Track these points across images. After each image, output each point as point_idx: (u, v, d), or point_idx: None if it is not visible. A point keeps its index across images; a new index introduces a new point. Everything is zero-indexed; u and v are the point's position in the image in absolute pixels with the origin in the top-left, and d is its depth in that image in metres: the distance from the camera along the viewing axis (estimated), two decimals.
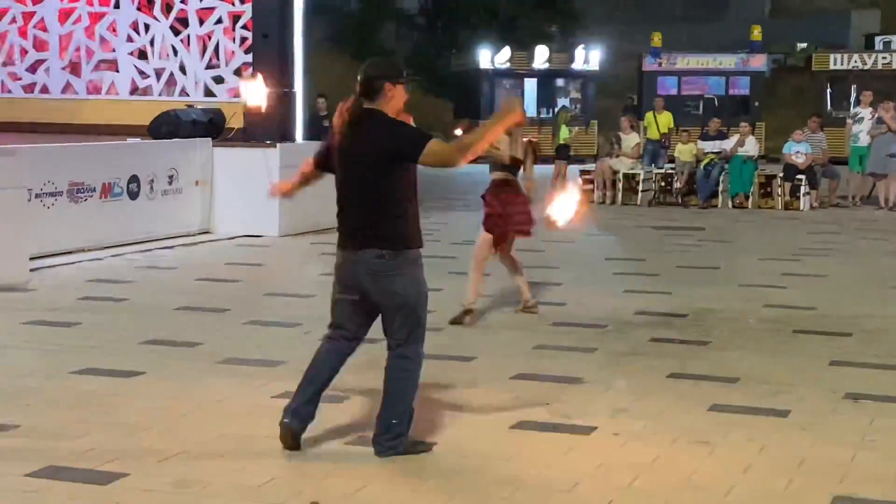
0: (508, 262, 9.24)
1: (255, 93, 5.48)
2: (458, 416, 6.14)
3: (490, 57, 30.07)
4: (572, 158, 21.63)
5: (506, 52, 30.06)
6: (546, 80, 30.37)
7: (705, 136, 19.44)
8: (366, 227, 5.28)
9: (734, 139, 18.80)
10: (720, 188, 18.69)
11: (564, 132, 21.66)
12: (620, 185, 19.05)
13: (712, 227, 15.74)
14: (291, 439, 5.39)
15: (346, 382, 6.67)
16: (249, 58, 15.31)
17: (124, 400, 6.36)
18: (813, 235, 15.01)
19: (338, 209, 5.44)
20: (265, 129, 13.90)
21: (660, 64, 30.12)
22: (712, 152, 18.80)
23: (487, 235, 9.01)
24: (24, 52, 17.13)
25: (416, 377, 5.53)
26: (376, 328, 7.19)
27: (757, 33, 30.87)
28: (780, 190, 18.55)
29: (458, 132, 8.45)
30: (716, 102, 29.72)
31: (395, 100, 5.34)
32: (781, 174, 18.69)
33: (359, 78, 5.38)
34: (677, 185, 19.07)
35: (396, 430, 5.40)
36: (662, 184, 19.32)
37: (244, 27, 15.92)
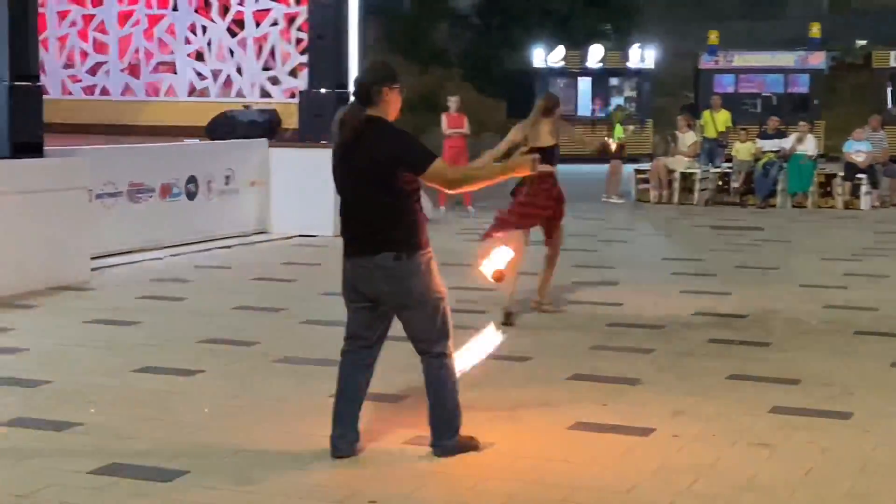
0: (552, 252, 9.29)
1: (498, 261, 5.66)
2: (514, 417, 6.13)
3: (543, 56, 29.96)
4: (626, 158, 21.48)
5: (559, 50, 29.94)
6: (600, 78, 30.21)
7: (764, 135, 19.26)
8: (379, 231, 5.27)
9: (793, 138, 18.61)
10: (779, 187, 18.50)
11: (619, 131, 21.53)
12: (677, 185, 18.91)
13: (771, 227, 15.58)
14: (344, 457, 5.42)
15: (403, 382, 6.70)
16: (305, 59, 15.41)
17: (184, 398, 6.42)
18: (874, 235, 14.82)
19: (343, 218, 5.42)
20: (320, 130, 13.97)
21: (717, 62, 29.84)
22: (771, 151, 18.63)
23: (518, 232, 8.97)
24: (84, 54, 17.34)
25: (454, 373, 5.55)
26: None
27: (816, 30, 30.50)
28: (840, 189, 18.33)
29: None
30: (774, 101, 29.38)
31: (392, 104, 5.34)
32: (841, 173, 18.47)
33: (356, 84, 5.39)
34: (735, 184, 18.90)
35: (449, 431, 5.41)
36: (720, 183, 19.16)
37: (300, 29, 16.00)
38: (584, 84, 30.26)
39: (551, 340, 8.16)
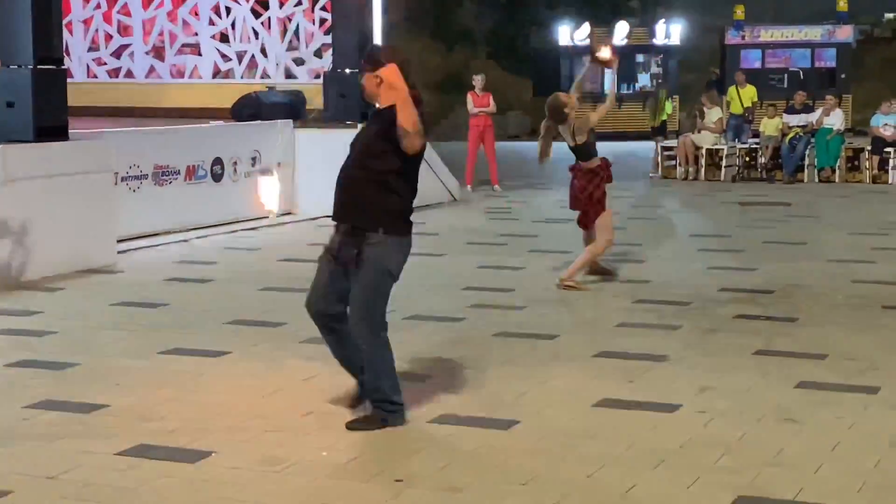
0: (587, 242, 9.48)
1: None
2: (541, 394, 6.12)
3: (570, 33, 29.81)
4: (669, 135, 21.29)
5: (585, 28, 29.78)
6: (626, 55, 30.02)
7: (791, 110, 19.09)
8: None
9: (819, 112, 18.45)
10: (806, 162, 18.36)
11: (668, 108, 21.38)
12: (703, 161, 18.80)
13: (798, 202, 15.47)
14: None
15: (429, 362, 6.71)
16: (329, 39, 15.39)
17: (211, 379, 6.45)
18: None
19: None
20: (345, 111, 13.97)
21: (743, 37, 29.59)
22: (798, 126, 18.48)
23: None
24: (108, 37, 17.39)
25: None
26: (454, 307, 7.22)
27: (843, 4, 30.15)
28: (867, 163, 18.18)
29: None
30: (801, 75, 29.11)
31: (365, 88, 5.48)
32: (869, 147, 18.30)
33: None
34: (762, 159, 18.77)
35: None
36: (746, 159, 19.03)
37: (323, 9, 15.98)
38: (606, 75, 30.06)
39: (577, 318, 8.14)
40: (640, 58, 30.12)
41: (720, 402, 5.94)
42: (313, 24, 16.28)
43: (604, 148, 10.33)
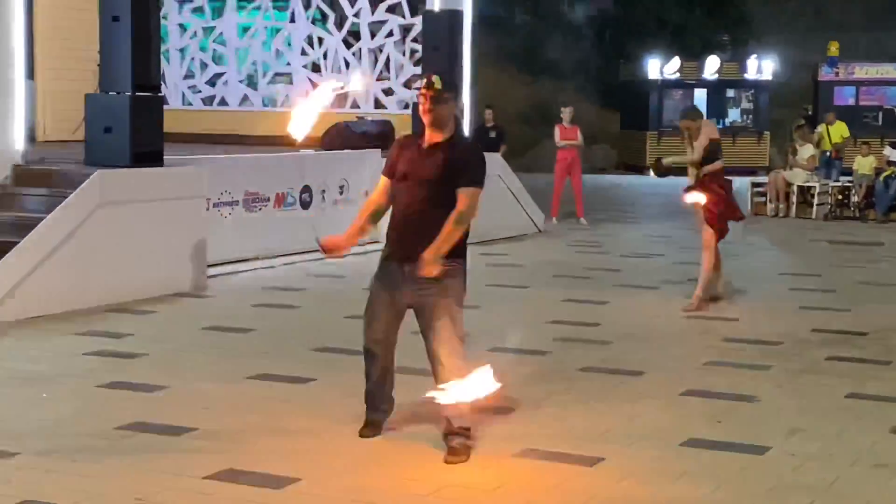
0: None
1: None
2: (626, 431, 6.06)
3: (659, 67, 29.67)
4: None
5: (675, 62, 29.61)
6: (716, 89, 29.80)
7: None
8: None
9: None
10: None
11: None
12: (794, 198, 18.53)
13: (893, 243, 15.17)
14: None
15: (513, 394, 6.69)
16: (419, 70, 15.50)
17: (297, 406, 6.49)
18: None
19: None
20: None
21: (837, 73, 29.22)
22: (893, 162, 18.14)
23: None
24: (203, 65, 17.71)
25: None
26: (539, 340, 7.18)
27: None
28: None
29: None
30: (895, 113, 28.66)
31: (436, 115, 5.59)
32: None
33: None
34: (855, 198, 18.45)
35: None
36: (839, 197, 18.72)
37: (414, 40, 16.11)
38: (700, 96, 29.86)
39: (664, 354, 8.05)
40: (730, 92, 29.86)
41: (810, 446, 5.82)
42: (404, 55, 16.41)
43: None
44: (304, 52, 17.06)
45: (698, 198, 9.68)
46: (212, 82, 17.70)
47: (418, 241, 5.45)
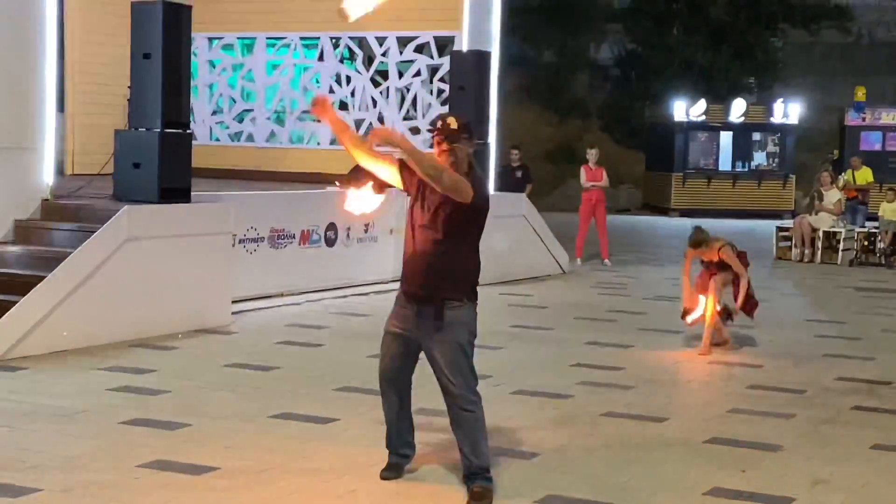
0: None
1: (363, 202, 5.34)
2: (650, 479, 6.02)
3: (685, 109, 29.70)
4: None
5: (701, 104, 29.64)
6: (742, 133, 29.81)
7: None
8: None
9: None
10: None
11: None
12: (820, 244, 18.46)
13: None
14: None
15: (536, 438, 6.66)
16: (446, 109, 15.56)
17: (319, 446, 6.48)
18: None
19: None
20: None
21: (863, 118, 29.20)
22: None
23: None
24: (232, 101, 17.83)
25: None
26: (562, 384, 7.14)
27: None
28: None
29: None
30: None
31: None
32: None
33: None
34: (881, 244, 18.36)
35: None
36: (865, 243, 18.63)
37: (441, 80, 16.18)
38: (726, 138, 29.88)
39: (688, 401, 8.02)
40: (756, 136, 29.86)
41: (835, 497, 5.78)
42: (431, 94, 16.49)
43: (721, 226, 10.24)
44: (331, 90, 17.15)
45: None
46: (239, 118, 17.82)
47: (423, 279, 5.51)
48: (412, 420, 5.95)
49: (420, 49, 16.47)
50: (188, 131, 10.59)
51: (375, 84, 16.81)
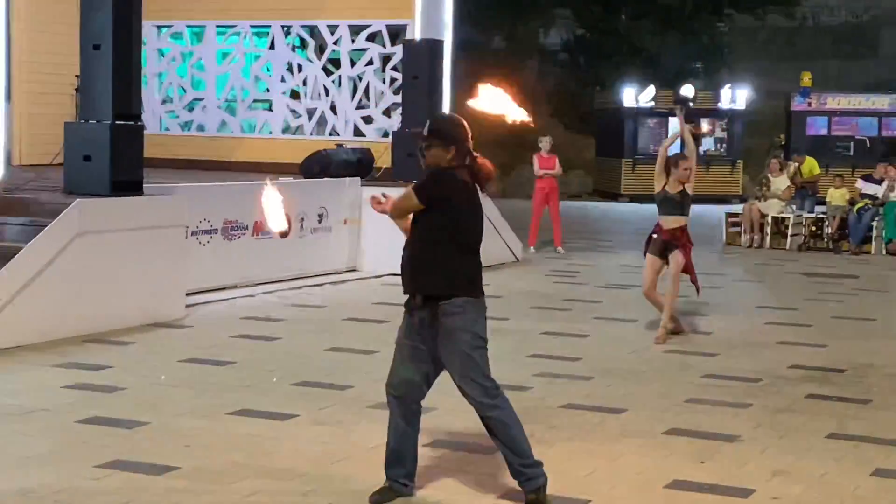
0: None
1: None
2: (611, 472, 6.05)
3: (634, 95, 29.84)
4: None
5: (650, 90, 29.80)
6: (690, 118, 29.98)
7: (869, 179, 18.85)
8: None
9: (884, 186, 18.25)
10: (873, 234, 18.14)
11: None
12: (769, 229, 18.65)
13: (867, 275, 15.27)
14: None
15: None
16: (398, 98, 15.53)
17: (279, 443, 6.45)
18: None
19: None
20: (413, 169, 14.03)
21: (809, 104, 29.50)
22: (867, 195, 18.28)
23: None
24: (182, 90, 17.67)
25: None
26: (520, 376, 7.16)
27: None
28: None
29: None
30: (867, 144, 28.93)
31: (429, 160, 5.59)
32: None
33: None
34: (828, 229, 18.57)
35: None
36: (812, 228, 18.84)
37: (394, 69, 16.14)
38: (674, 123, 30.02)
39: (645, 391, 8.06)
40: (704, 123, 30.04)
41: (794, 488, 5.84)
42: (383, 83, 16.44)
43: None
44: (283, 79, 17.05)
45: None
46: (189, 107, 17.66)
47: (416, 277, 5.50)
48: (416, 448, 5.59)
49: (372, 38, 16.42)
50: (139, 123, 10.47)
51: (328, 73, 16.74)
